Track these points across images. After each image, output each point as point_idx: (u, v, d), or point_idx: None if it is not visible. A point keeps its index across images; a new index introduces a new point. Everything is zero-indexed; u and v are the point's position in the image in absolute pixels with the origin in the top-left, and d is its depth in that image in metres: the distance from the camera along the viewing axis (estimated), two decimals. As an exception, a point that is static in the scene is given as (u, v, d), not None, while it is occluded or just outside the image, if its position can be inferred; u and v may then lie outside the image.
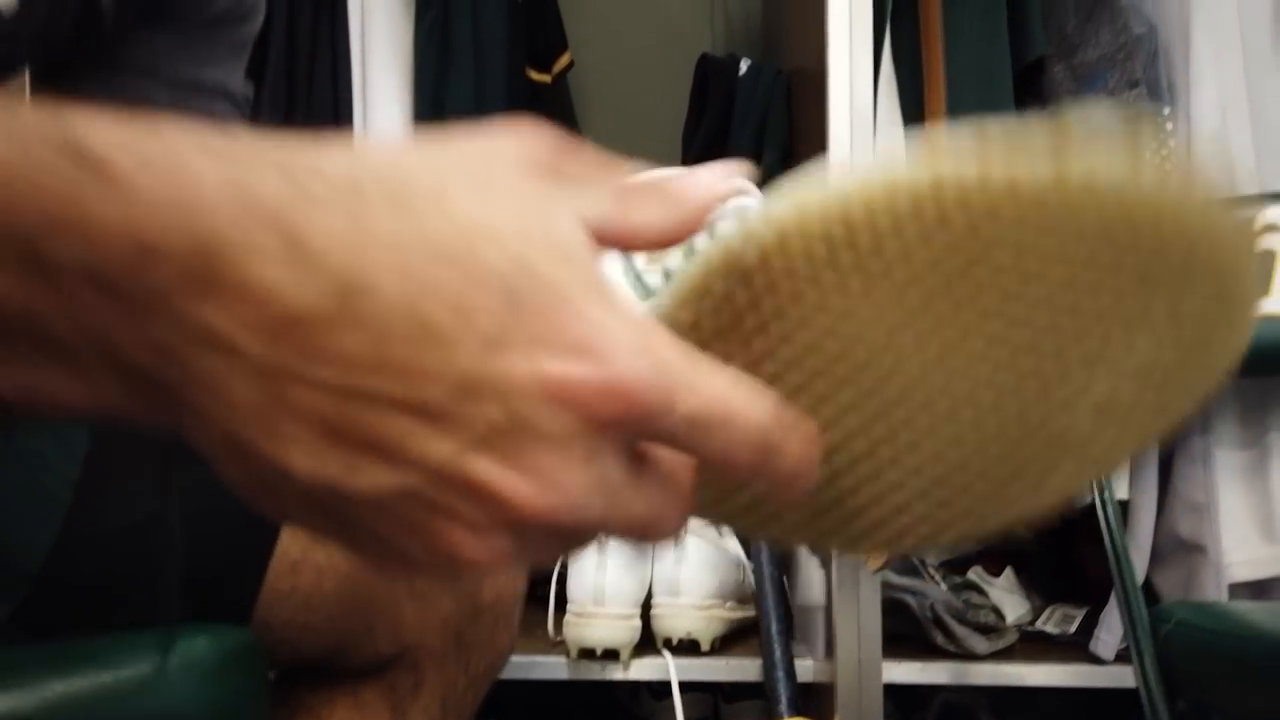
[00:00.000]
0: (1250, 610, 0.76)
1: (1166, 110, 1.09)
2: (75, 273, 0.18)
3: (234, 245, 0.18)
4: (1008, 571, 1.25)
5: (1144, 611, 0.79)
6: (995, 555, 1.29)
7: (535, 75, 1.55)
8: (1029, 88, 1.11)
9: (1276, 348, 0.94)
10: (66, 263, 0.18)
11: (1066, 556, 1.27)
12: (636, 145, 1.58)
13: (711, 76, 1.33)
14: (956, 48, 1.04)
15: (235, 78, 0.61)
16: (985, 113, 1.05)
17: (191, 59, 0.57)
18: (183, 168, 0.18)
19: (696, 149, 1.31)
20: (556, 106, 1.67)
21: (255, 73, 1.09)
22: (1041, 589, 1.27)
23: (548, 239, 0.20)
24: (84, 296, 0.18)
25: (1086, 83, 1.08)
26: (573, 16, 1.61)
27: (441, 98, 1.16)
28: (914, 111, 1.03)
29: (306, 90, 1.09)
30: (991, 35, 1.06)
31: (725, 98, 1.31)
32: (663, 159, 1.57)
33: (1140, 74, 1.06)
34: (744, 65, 1.33)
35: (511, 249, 0.20)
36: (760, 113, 1.29)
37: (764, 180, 1.22)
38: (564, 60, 1.62)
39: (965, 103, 1.04)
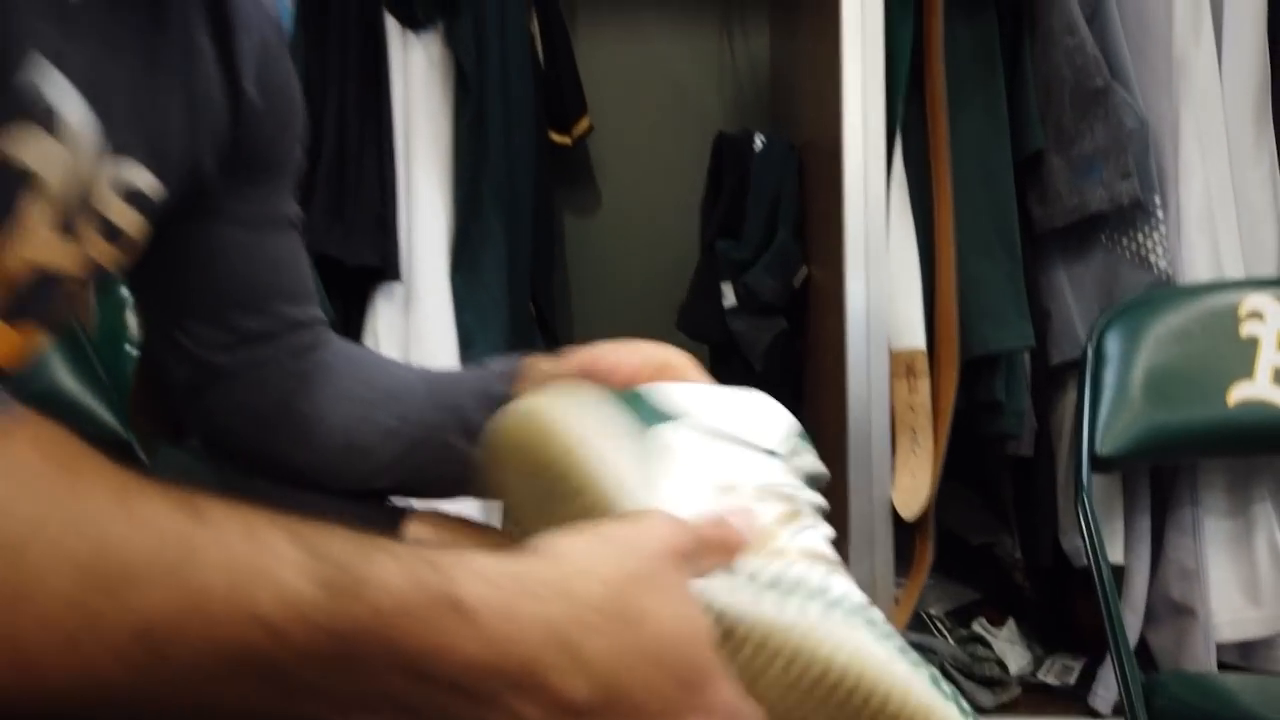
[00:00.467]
0: (1242, 687, 0.84)
1: (1157, 199, 1.17)
2: (441, 679, 0.29)
3: (542, 663, 0.30)
4: (1010, 622, 1.33)
5: (1139, 677, 0.86)
6: (996, 605, 1.37)
7: (556, 137, 1.63)
8: (1030, 176, 1.19)
9: (1257, 430, 1.02)
10: (437, 674, 0.29)
11: (1063, 606, 1.35)
12: (652, 203, 1.67)
13: (727, 154, 1.41)
14: (961, 142, 1.12)
15: (294, 205, 0.68)
16: (988, 201, 1.14)
17: (264, 198, 0.63)
18: (514, 612, 0.30)
19: (715, 224, 1.39)
20: (576, 166, 1.75)
21: (308, 171, 1.16)
22: (1041, 638, 1.34)
23: (696, 632, 0.34)
24: (441, 694, 0.29)
25: (1082, 173, 1.16)
26: (591, 83, 1.69)
27: (479, 179, 1.23)
28: (923, 199, 1.11)
29: (356, 185, 1.16)
30: (993, 131, 1.14)
31: (741, 173, 1.39)
32: (678, 218, 1.64)
33: (1132, 166, 1.14)
34: (758, 141, 1.40)
35: (683, 648, 0.34)
36: (774, 188, 1.37)
37: (781, 256, 1.29)
38: (584, 124, 1.70)
39: (970, 192, 1.12)
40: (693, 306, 1.42)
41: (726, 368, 1.41)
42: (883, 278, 1.05)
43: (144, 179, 0.51)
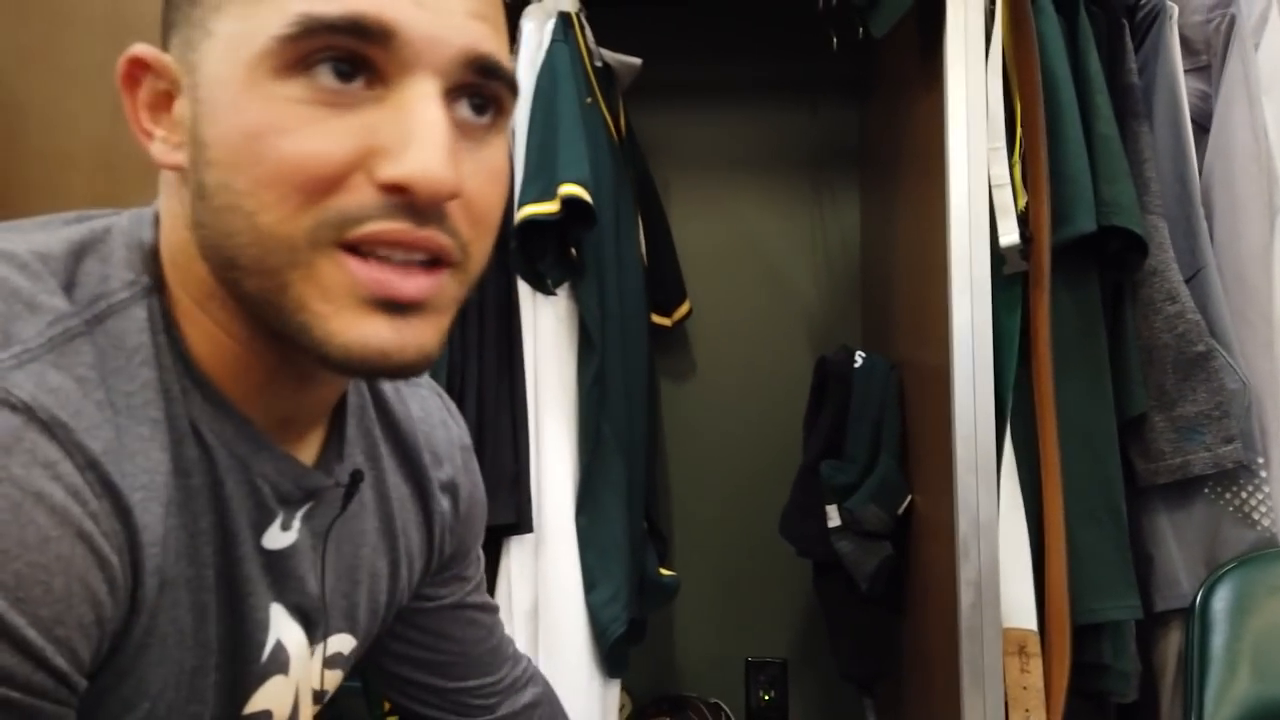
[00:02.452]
0: None
1: (1260, 459, 1.21)
2: None
3: None
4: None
5: None
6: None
7: (657, 319, 1.73)
8: (1133, 432, 1.23)
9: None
10: None
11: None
12: (745, 374, 1.75)
13: (830, 374, 1.47)
14: (1065, 410, 1.17)
15: (480, 583, 0.76)
16: (1093, 469, 1.18)
17: (445, 584, 0.71)
18: None
19: (819, 444, 1.45)
20: (673, 341, 1.84)
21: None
22: None
23: None
24: None
25: (1186, 435, 1.20)
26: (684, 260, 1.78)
27: (601, 423, 1.32)
28: (1030, 474, 1.16)
29: (494, 449, 1.26)
30: (1097, 398, 1.18)
31: (842, 392, 1.45)
32: (770, 390, 1.72)
33: (1235, 430, 1.18)
34: (859, 358, 1.47)
35: None
36: (876, 409, 1.43)
37: (887, 487, 1.35)
38: (684, 309, 1.79)
39: (1074, 460, 1.17)
40: (796, 521, 1.48)
41: (830, 583, 1.48)
42: (994, 549, 1.11)
43: (345, 643, 0.60)
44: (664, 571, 1.48)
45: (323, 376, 0.50)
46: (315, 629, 0.55)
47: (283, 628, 0.52)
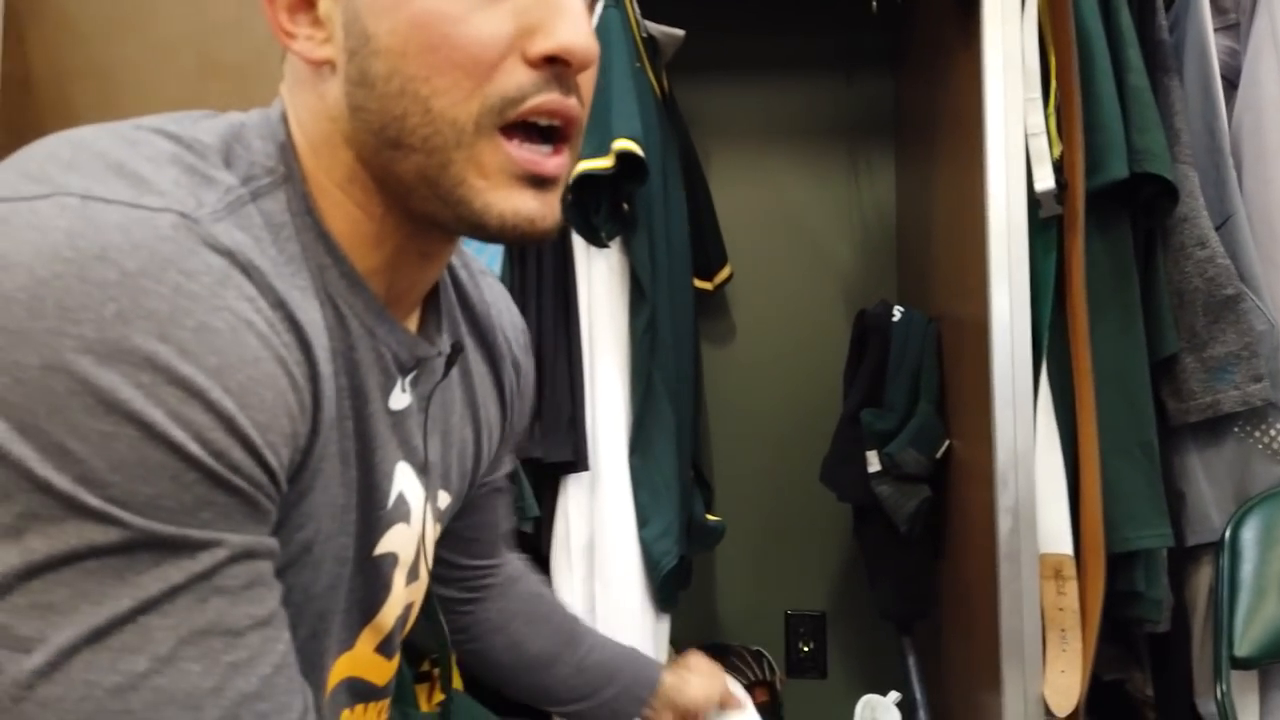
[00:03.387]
0: None
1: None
2: None
3: None
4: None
5: None
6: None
7: (699, 283, 1.79)
8: (1165, 373, 1.28)
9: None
10: None
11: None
12: (784, 335, 1.82)
13: (869, 328, 1.53)
14: (1099, 351, 1.22)
15: (509, 467, 0.86)
16: (1126, 406, 1.24)
17: (491, 472, 0.80)
18: None
19: (859, 394, 1.51)
20: (713, 305, 1.90)
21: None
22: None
23: None
24: None
25: (1216, 374, 1.25)
26: (730, 238, 1.84)
27: (652, 371, 1.39)
28: (1065, 407, 1.22)
29: (552, 390, 1.33)
30: (1129, 339, 1.24)
31: (882, 345, 1.51)
32: (808, 351, 1.79)
33: (1264, 369, 1.23)
34: (897, 312, 1.53)
35: None
36: (915, 360, 1.49)
37: (925, 431, 1.41)
38: (725, 272, 1.86)
39: (1108, 397, 1.22)
40: (837, 467, 1.55)
41: (870, 527, 1.54)
42: (1030, 479, 1.16)
43: (445, 501, 0.68)
44: (710, 516, 1.55)
45: (435, 252, 0.56)
46: (431, 484, 0.62)
47: (405, 481, 0.58)
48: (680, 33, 1.64)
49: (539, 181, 0.49)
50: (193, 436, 0.39)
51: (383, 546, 0.57)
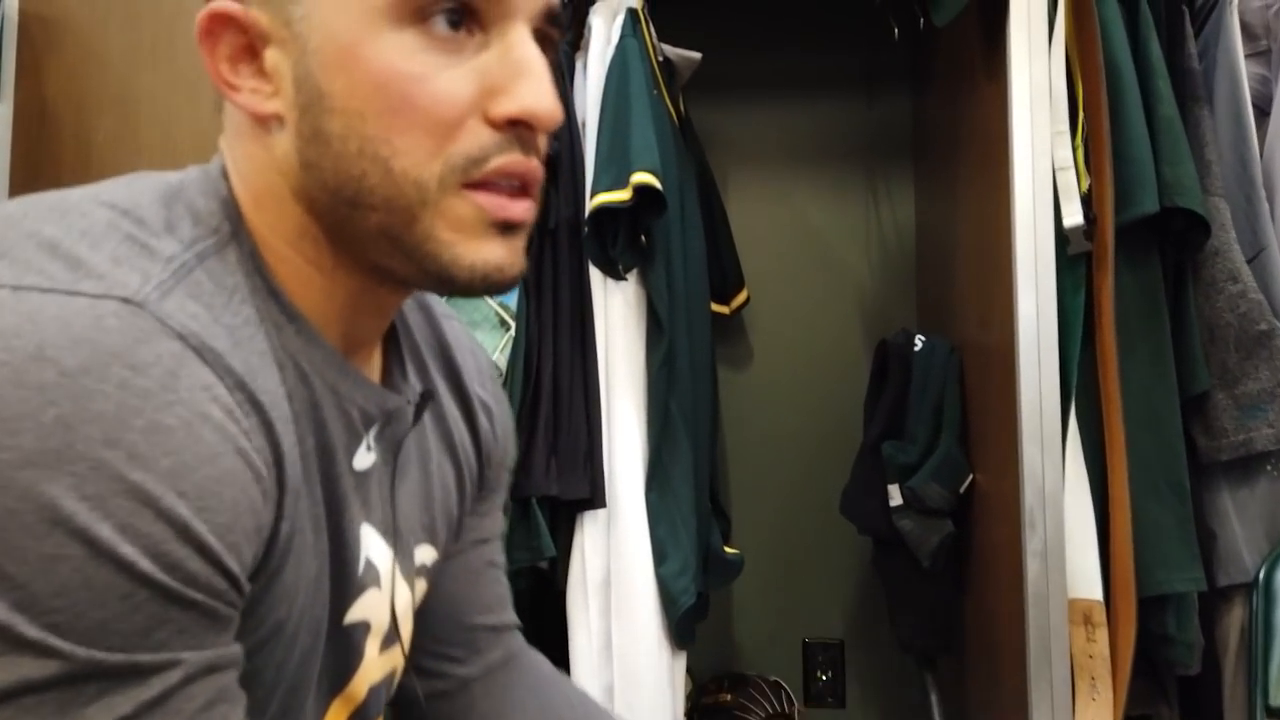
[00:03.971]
0: None
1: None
2: None
3: None
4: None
5: None
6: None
7: (716, 308, 1.77)
8: (1195, 409, 1.26)
9: None
10: None
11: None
12: (801, 356, 1.79)
13: (890, 357, 1.51)
14: (1129, 389, 1.19)
15: (499, 519, 0.76)
16: (1156, 445, 1.21)
17: (478, 522, 0.72)
18: None
19: (880, 426, 1.49)
20: (730, 328, 1.88)
21: (530, 416, 1.32)
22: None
23: None
24: None
25: (1248, 412, 1.22)
26: (747, 261, 1.82)
27: (669, 403, 1.37)
28: (1094, 448, 1.19)
29: (568, 425, 1.31)
30: (1159, 377, 1.21)
31: (903, 375, 1.49)
32: (826, 374, 1.77)
33: (1298, 408, 1.20)
34: (919, 342, 1.50)
35: None
36: (937, 391, 1.46)
37: (948, 466, 1.38)
38: (742, 296, 1.84)
39: (1138, 437, 1.19)
40: (857, 500, 1.52)
41: (891, 560, 1.51)
42: (1059, 520, 1.14)
43: (428, 554, 0.64)
44: (728, 549, 1.53)
45: (390, 302, 0.54)
46: (397, 544, 0.59)
47: (371, 545, 0.56)
48: (697, 56, 1.62)
49: (507, 228, 0.48)
50: (144, 551, 0.36)
51: (354, 614, 0.55)
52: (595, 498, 1.32)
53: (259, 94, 0.48)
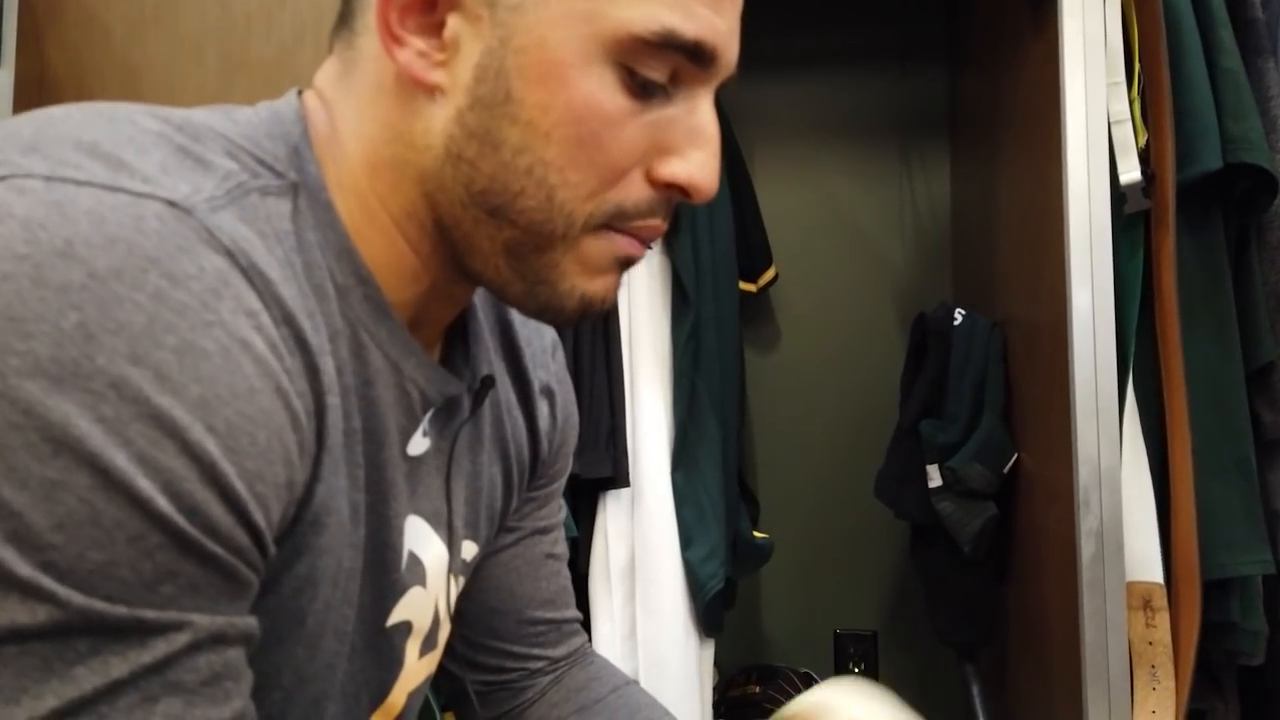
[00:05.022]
0: None
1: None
2: None
3: None
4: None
5: None
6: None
7: (743, 286, 1.70)
8: (1259, 382, 1.18)
9: None
10: None
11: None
12: (831, 340, 1.72)
13: (929, 332, 1.43)
14: (1190, 362, 1.12)
15: (560, 508, 0.70)
16: (1220, 422, 1.13)
17: (536, 510, 0.67)
18: None
19: (917, 405, 1.41)
20: (758, 308, 1.81)
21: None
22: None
23: None
24: None
25: (1317, 384, 1.14)
26: (770, 226, 1.75)
27: (696, 381, 1.31)
28: (1153, 423, 1.12)
29: (590, 403, 1.25)
30: (1223, 348, 1.13)
31: (942, 352, 1.41)
32: (857, 357, 1.69)
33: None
34: (958, 316, 1.43)
35: None
36: (978, 368, 1.39)
37: (991, 445, 1.31)
38: (770, 274, 1.77)
39: (1201, 413, 1.12)
40: (893, 482, 1.45)
41: (929, 547, 1.44)
42: (1116, 500, 1.06)
43: (471, 551, 0.59)
44: (757, 533, 1.46)
45: (467, 293, 0.50)
46: (450, 539, 0.54)
47: (419, 538, 0.50)
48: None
49: (627, 264, 0.47)
50: (162, 488, 0.31)
51: (396, 616, 0.50)
52: (618, 477, 1.26)
53: (426, 59, 0.43)
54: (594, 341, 1.28)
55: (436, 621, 0.54)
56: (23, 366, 0.30)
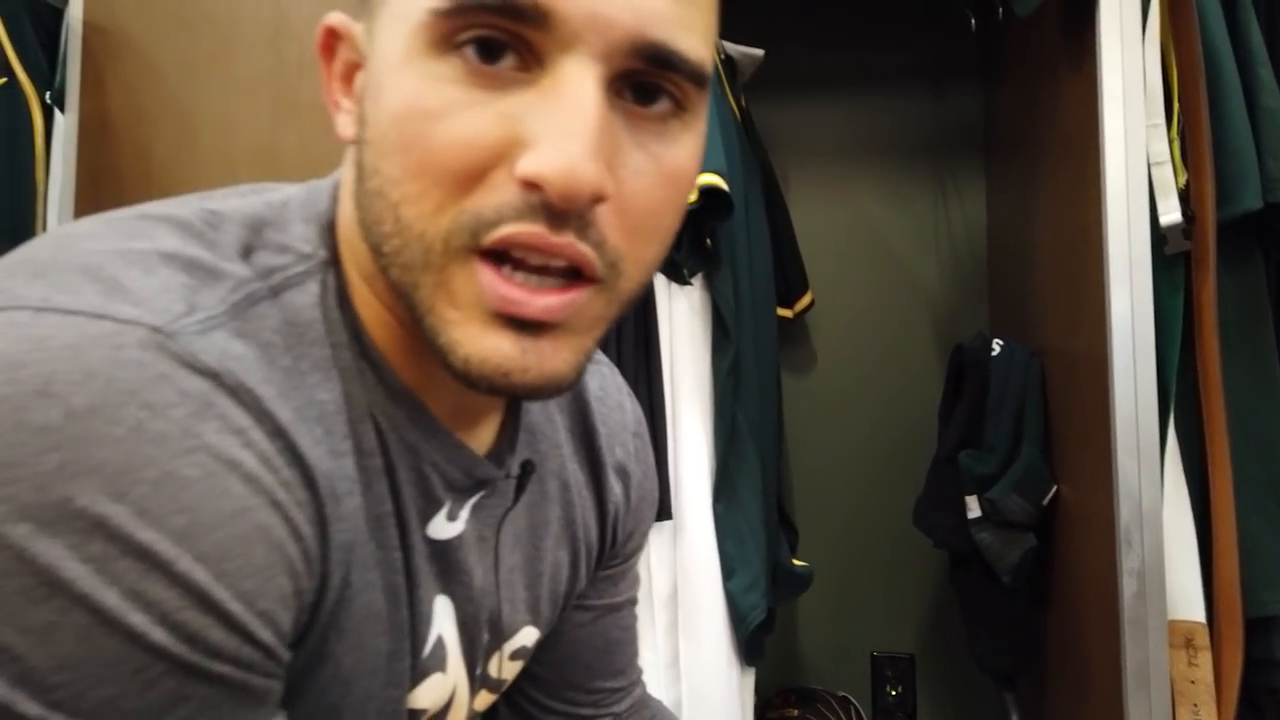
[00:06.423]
0: None
1: None
2: None
3: None
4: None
5: None
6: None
7: (779, 312, 1.72)
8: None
9: None
10: None
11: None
12: (866, 363, 1.71)
13: (966, 363, 1.44)
14: (1231, 393, 1.12)
15: (635, 581, 0.71)
16: (1258, 457, 1.13)
17: (612, 585, 0.68)
18: None
19: (956, 435, 1.42)
20: (794, 331, 1.83)
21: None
22: None
23: None
24: None
25: (1362, 421, 1.14)
26: (811, 263, 1.76)
27: (736, 413, 1.33)
28: (1194, 447, 1.12)
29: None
30: (1262, 382, 1.13)
31: (980, 381, 1.42)
32: (892, 382, 1.69)
33: None
34: (996, 346, 1.44)
35: None
36: (1017, 397, 1.39)
37: (1030, 476, 1.32)
38: (806, 300, 1.78)
39: (1241, 443, 1.12)
40: (932, 512, 1.46)
41: (968, 575, 1.45)
42: (1158, 538, 1.07)
43: (530, 636, 0.58)
44: (797, 562, 1.48)
45: None
46: (478, 625, 0.53)
47: (444, 623, 0.50)
48: (759, 53, 1.57)
49: (522, 325, 0.38)
50: (156, 620, 0.32)
51: (415, 700, 0.49)
52: (661, 509, 1.28)
53: (350, 116, 0.43)
54: (636, 375, 1.30)
55: (449, 706, 0.53)
56: (9, 512, 0.30)
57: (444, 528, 0.48)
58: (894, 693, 1.76)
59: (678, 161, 0.41)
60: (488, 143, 0.37)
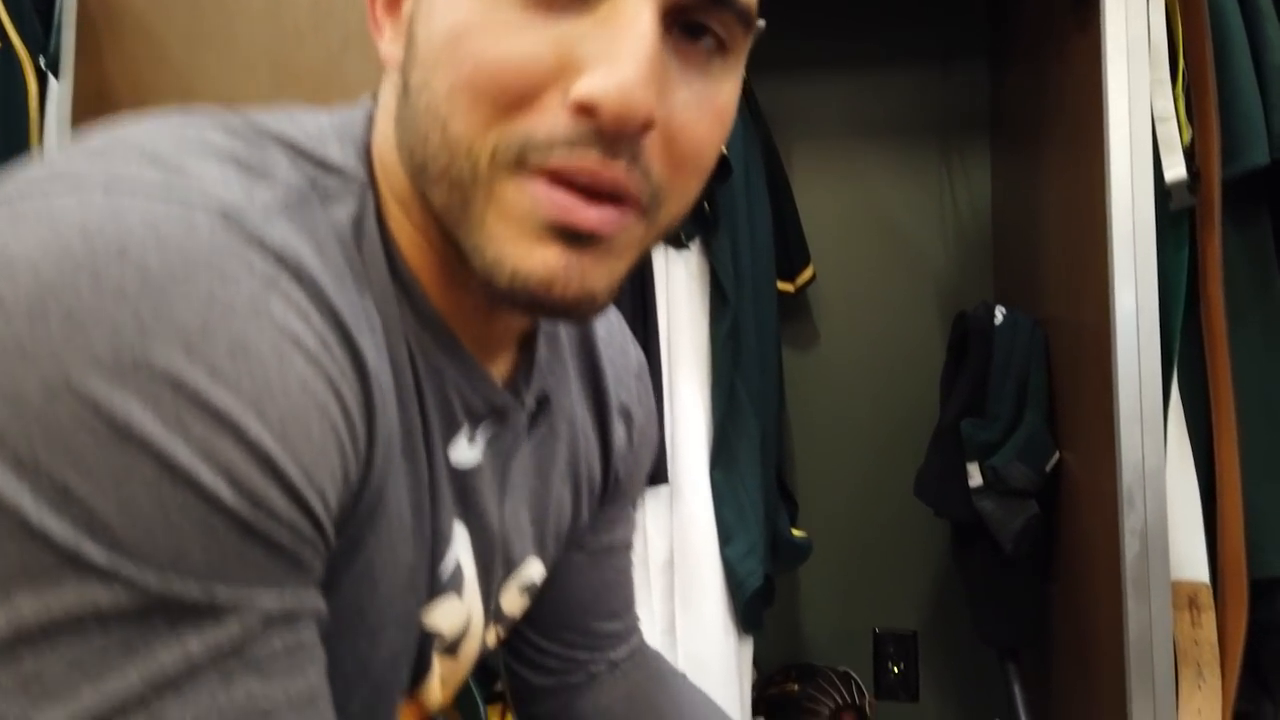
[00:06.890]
0: None
1: None
2: None
3: None
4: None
5: None
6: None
7: (781, 285, 1.70)
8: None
9: None
10: None
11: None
12: (869, 340, 1.71)
13: (970, 331, 1.43)
14: (1237, 355, 1.10)
15: (632, 524, 0.72)
16: (1266, 420, 1.12)
17: (610, 527, 0.68)
18: None
19: (958, 403, 1.41)
20: (796, 307, 1.81)
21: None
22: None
23: None
24: None
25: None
26: (808, 225, 1.75)
27: (735, 379, 1.32)
28: (1198, 408, 1.10)
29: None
30: (1270, 345, 1.12)
31: (983, 350, 1.41)
32: (895, 357, 1.69)
33: None
34: (999, 314, 1.42)
35: None
36: (1021, 366, 1.38)
37: (1033, 443, 1.30)
38: (808, 274, 1.77)
39: (1247, 406, 1.10)
40: (934, 481, 1.45)
41: (970, 546, 1.44)
42: (1160, 499, 1.06)
43: (537, 570, 0.59)
44: (796, 531, 1.47)
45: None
46: (492, 556, 0.53)
47: (461, 548, 0.50)
48: (759, 23, 1.56)
49: (573, 236, 0.38)
50: (224, 476, 0.32)
51: (430, 620, 0.50)
52: (657, 473, 1.27)
53: (395, 40, 0.44)
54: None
55: (462, 636, 0.53)
56: (86, 365, 0.31)
57: (464, 453, 0.49)
58: (896, 669, 1.75)
59: (721, 99, 0.41)
60: (542, 65, 0.37)
